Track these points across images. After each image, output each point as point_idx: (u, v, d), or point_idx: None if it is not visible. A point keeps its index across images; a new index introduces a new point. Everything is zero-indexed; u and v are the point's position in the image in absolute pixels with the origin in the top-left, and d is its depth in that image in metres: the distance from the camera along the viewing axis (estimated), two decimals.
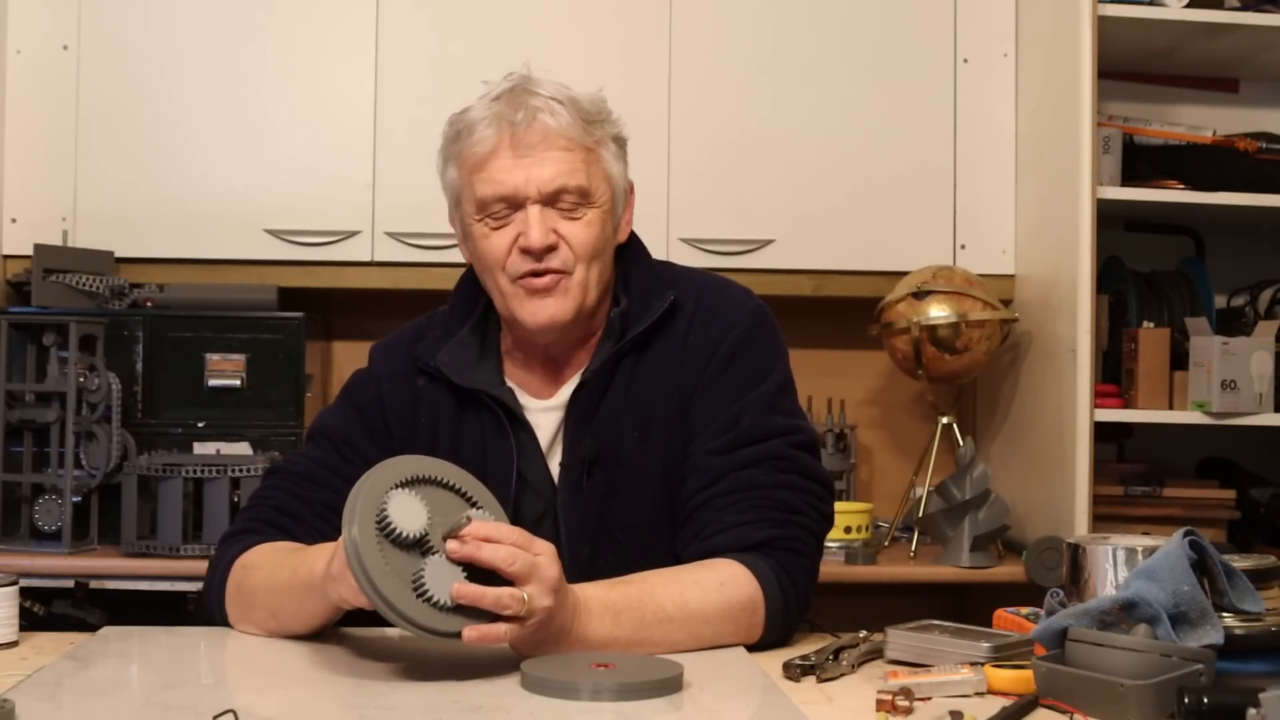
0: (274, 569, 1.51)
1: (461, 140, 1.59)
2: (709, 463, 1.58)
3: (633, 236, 1.72)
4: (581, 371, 1.63)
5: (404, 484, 1.33)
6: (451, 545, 1.29)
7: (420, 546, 1.31)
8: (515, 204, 1.56)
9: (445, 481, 1.37)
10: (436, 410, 1.66)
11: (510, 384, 1.66)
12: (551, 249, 1.56)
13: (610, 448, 1.60)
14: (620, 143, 1.64)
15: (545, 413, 1.65)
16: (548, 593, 1.31)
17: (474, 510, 1.35)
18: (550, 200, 1.56)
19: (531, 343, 1.65)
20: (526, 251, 1.56)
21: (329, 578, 1.36)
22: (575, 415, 1.61)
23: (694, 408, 1.61)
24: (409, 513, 1.31)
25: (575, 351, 1.66)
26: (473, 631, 1.27)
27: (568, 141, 1.56)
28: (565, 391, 1.64)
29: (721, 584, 1.48)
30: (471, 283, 1.71)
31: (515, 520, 1.47)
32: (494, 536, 1.30)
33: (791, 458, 1.58)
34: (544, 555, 1.32)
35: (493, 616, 1.29)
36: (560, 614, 1.34)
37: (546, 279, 1.57)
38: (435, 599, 1.27)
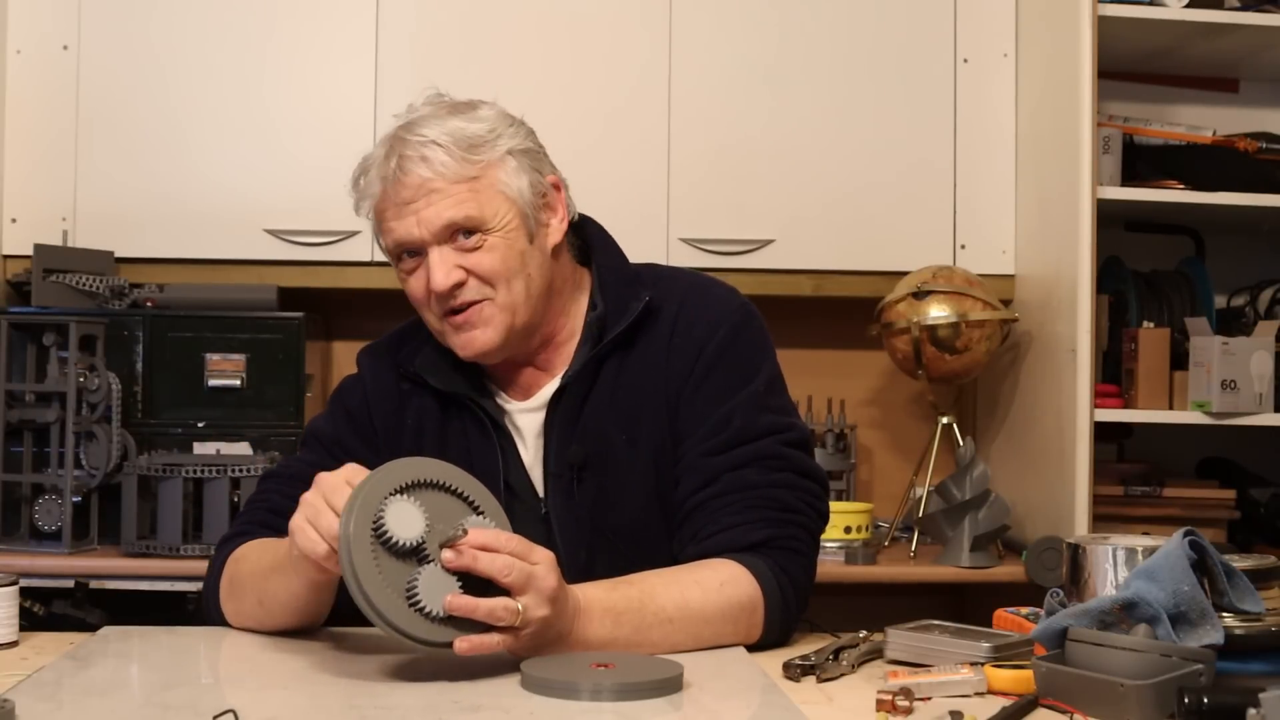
0: (259, 557, 1.53)
1: (359, 188, 1.61)
2: (703, 464, 1.57)
3: (603, 238, 1.71)
4: (561, 374, 1.63)
5: (403, 489, 1.31)
6: (447, 555, 1.29)
7: (417, 554, 1.30)
8: (416, 250, 1.57)
9: (448, 485, 1.35)
10: (421, 414, 1.66)
11: (491, 386, 1.67)
12: (459, 285, 1.56)
13: (598, 452, 1.60)
14: (520, 154, 1.59)
15: (526, 414, 1.65)
16: (544, 602, 1.30)
17: (475, 517, 1.34)
18: (445, 238, 1.56)
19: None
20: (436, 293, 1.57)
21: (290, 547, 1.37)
22: (560, 420, 1.61)
23: (683, 409, 1.61)
24: (405, 520, 1.29)
25: (551, 353, 1.66)
26: (464, 643, 1.27)
27: (444, 182, 1.54)
28: (545, 392, 1.64)
29: (722, 584, 1.48)
30: None
31: None
32: (491, 545, 1.29)
33: (785, 456, 1.58)
34: (542, 564, 1.31)
35: (487, 626, 1.28)
36: (559, 621, 1.33)
37: (466, 313, 1.57)
38: (428, 609, 1.27)
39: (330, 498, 1.33)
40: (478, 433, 1.63)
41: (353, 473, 1.34)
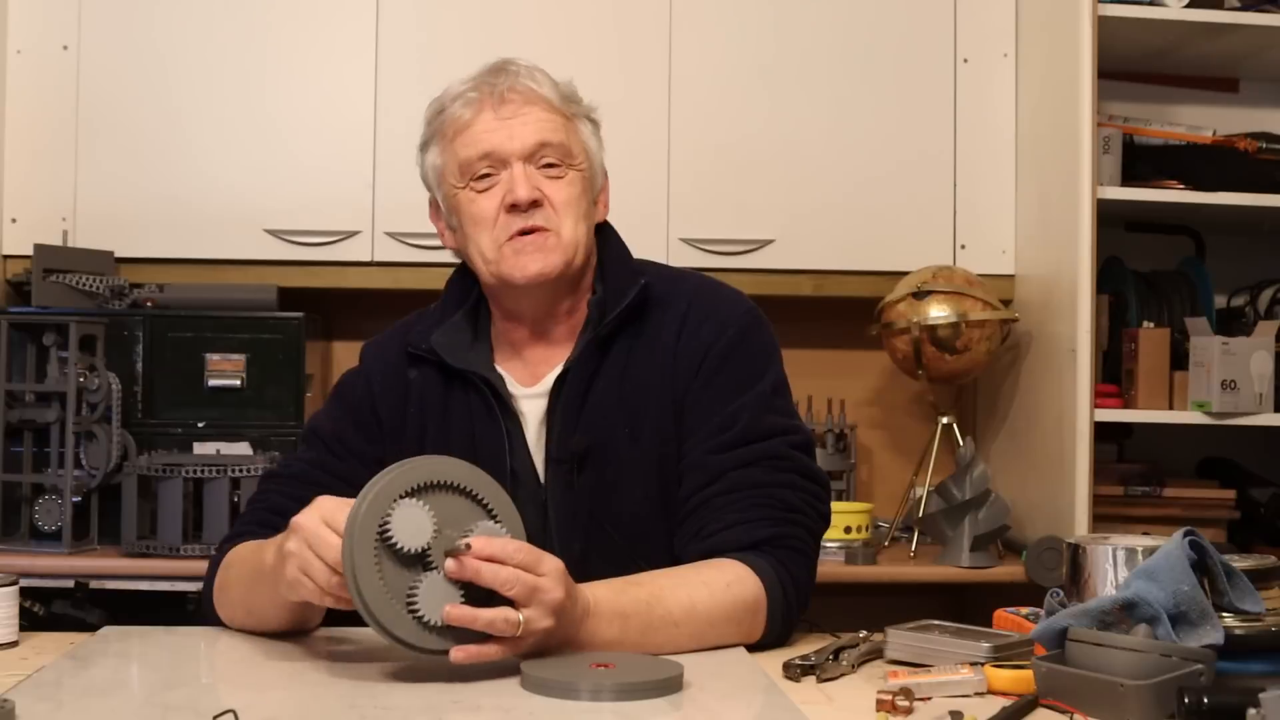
0: (243, 564, 1.53)
1: (443, 114, 1.64)
2: (707, 462, 1.58)
3: (610, 231, 1.73)
4: (565, 360, 1.64)
5: (414, 491, 1.29)
6: (450, 565, 1.27)
7: (422, 560, 1.29)
8: (499, 163, 1.60)
9: (463, 487, 1.32)
10: (425, 399, 1.66)
11: (499, 369, 1.67)
12: (536, 204, 1.59)
13: (600, 443, 1.60)
14: (595, 124, 1.69)
15: (530, 400, 1.65)
16: (547, 615, 1.29)
17: (486, 522, 1.32)
18: (532, 157, 1.60)
19: (519, 319, 1.66)
20: (513, 208, 1.59)
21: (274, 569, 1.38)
22: (563, 408, 1.61)
23: (689, 407, 1.61)
24: (413, 525, 1.27)
25: (559, 333, 1.67)
26: (460, 652, 1.26)
27: (547, 104, 1.62)
28: (550, 378, 1.64)
29: (728, 585, 1.48)
30: (464, 274, 1.73)
31: None
32: (497, 556, 1.27)
33: (790, 457, 1.58)
34: (549, 576, 1.29)
35: (487, 634, 1.28)
36: (561, 630, 1.32)
37: (535, 235, 1.60)
38: (426, 617, 1.26)
39: (315, 546, 1.31)
40: (485, 416, 1.63)
41: (329, 512, 1.32)
